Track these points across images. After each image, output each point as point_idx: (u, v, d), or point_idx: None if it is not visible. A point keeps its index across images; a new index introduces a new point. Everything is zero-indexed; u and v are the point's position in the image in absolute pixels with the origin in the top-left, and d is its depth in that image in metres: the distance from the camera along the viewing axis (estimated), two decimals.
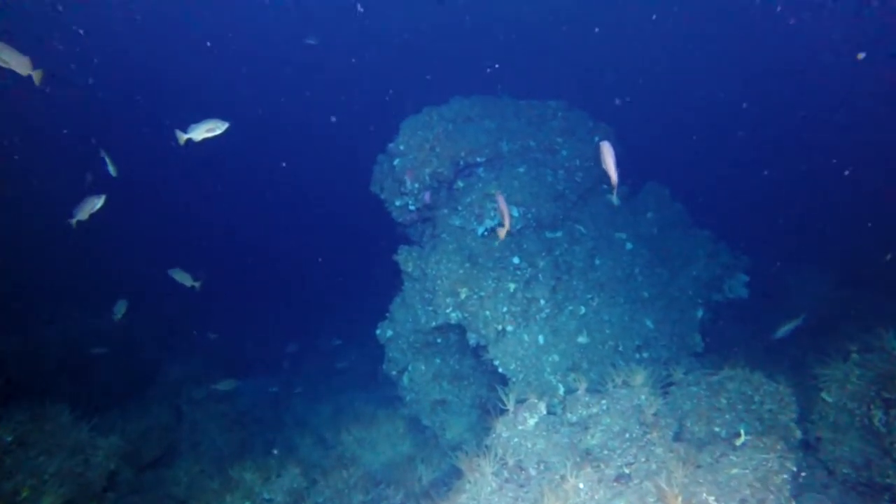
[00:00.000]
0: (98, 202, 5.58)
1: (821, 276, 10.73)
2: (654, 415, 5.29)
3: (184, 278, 7.06)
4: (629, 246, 8.72)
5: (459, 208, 7.31)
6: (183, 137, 5.22)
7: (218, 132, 5.24)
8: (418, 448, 7.46)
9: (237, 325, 14.91)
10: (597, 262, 8.06)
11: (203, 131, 5.22)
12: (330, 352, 13.32)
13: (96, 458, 6.25)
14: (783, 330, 8.00)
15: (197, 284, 7.02)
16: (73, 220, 5.68)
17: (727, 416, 5.53)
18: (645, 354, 7.59)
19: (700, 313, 8.77)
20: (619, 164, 4.49)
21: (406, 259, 7.26)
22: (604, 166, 4.48)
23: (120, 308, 7.89)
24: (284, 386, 11.62)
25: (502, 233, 5.26)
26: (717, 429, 5.41)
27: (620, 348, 7.22)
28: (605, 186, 9.49)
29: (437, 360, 7.68)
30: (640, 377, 5.64)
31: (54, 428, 6.26)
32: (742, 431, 4.91)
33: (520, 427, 5.36)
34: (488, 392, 7.63)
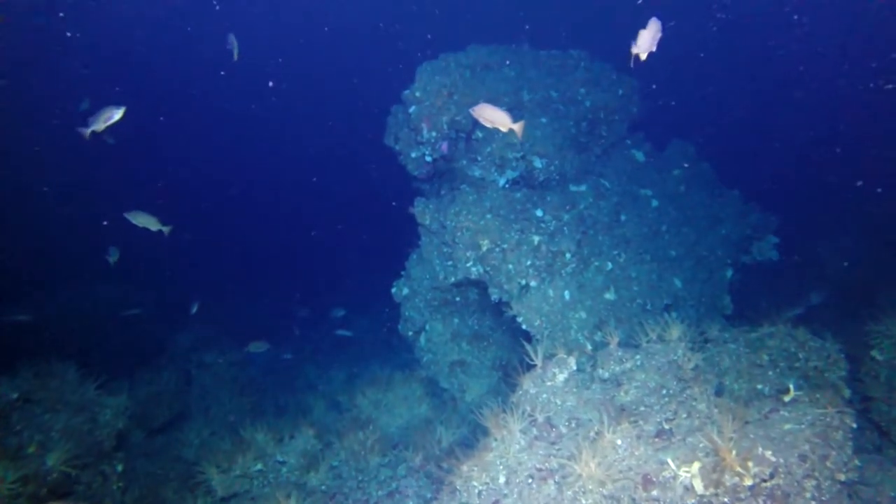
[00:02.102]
0: (116, 113, 5.07)
1: (854, 239, 10.24)
2: (693, 369, 4.92)
3: (147, 222, 6.08)
4: (655, 203, 8.27)
5: (479, 159, 6.86)
6: (235, 44, 5.99)
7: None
8: (437, 411, 7.18)
9: (246, 294, 14.68)
10: (622, 217, 7.63)
11: (234, 47, 5.86)
12: (338, 321, 13.06)
13: (104, 417, 6.02)
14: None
15: (166, 229, 6.12)
16: (88, 131, 5.17)
17: (770, 374, 5.14)
18: (674, 314, 7.20)
19: (729, 273, 8.36)
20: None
21: (423, 211, 6.86)
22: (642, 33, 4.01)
23: (113, 254, 7.55)
24: (296, 352, 11.40)
25: (518, 129, 4.78)
26: (759, 386, 5.03)
27: (649, 307, 6.84)
28: (629, 141, 9.00)
29: (456, 320, 7.35)
30: (675, 331, 5.26)
31: (60, 385, 6.03)
32: (791, 387, 4.53)
33: (548, 383, 5.02)
34: (510, 354, 7.31)
